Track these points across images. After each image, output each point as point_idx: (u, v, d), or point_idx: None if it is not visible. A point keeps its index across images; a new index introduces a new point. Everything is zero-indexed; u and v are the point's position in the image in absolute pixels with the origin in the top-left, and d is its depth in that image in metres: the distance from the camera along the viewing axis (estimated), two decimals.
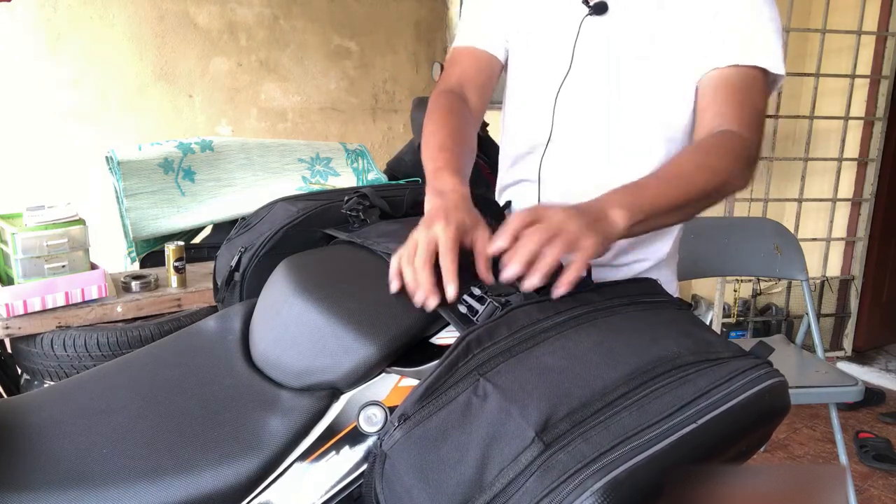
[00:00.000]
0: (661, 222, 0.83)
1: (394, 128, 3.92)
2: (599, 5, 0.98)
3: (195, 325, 0.86)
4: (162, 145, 2.29)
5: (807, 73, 3.09)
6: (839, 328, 3.33)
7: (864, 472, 2.38)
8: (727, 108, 0.92)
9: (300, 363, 0.72)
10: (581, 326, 0.66)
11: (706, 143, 0.90)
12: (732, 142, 0.89)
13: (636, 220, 0.76)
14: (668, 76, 0.98)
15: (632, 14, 0.98)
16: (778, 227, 2.31)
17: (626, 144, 1.01)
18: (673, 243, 1.07)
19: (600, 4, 0.98)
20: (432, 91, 1.09)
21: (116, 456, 0.66)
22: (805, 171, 3.13)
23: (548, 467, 0.52)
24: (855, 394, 1.94)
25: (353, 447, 0.68)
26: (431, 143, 0.93)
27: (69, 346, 1.67)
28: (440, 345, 0.73)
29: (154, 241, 2.25)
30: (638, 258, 1.04)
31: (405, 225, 0.89)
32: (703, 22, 0.95)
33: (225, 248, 1.02)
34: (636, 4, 0.98)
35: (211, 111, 3.35)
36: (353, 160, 2.51)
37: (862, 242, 3.22)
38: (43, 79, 2.95)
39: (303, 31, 3.56)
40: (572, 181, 1.03)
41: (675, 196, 0.81)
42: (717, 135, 0.91)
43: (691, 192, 0.83)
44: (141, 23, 3.12)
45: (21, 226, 1.70)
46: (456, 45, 1.12)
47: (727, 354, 0.66)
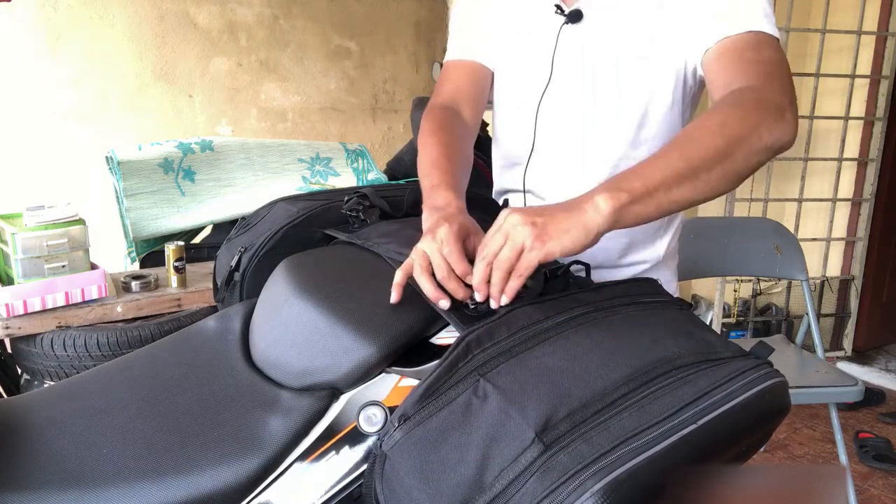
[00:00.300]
0: (667, 199, 0.73)
1: (394, 128, 3.92)
2: (574, 13, 0.98)
3: (195, 325, 0.86)
4: (162, 145, 2.29)
5: (807, 73, 3.09)
6: (839, 328, 3.33)
7: (864, 472, 2.38)
8: (734, 70, 0.86)
9: (300, 363, 0.72)
10: (581, 327, 0.66)
11: (715, 105, 0.83)
12: (745, 93, 0.81)
13: (623, 201, 0.70)
14: (640, 81, 0.97)
15: (605, 21, 0.98)
16: (778, 227, 2.31)
17: (600, 152, 1.00)
18: (670, 243, 1.07)
19: (575, 12, 0.98)
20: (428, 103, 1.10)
21: (116, 456, 0.66)
22: (805, 171, 3.13)
23: (548, 468, 0.52)
24: (855, 394, 1.94)
25: (353, 447, 0.68)
26: (426, 161, 0.95)
27: (69, 346, 1.67)
28: (440, 345, 0.73)
29: (154, 241, 2.25)
30: (635, 260, 1.05)
31: (405, 225, 0.89)
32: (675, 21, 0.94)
33: (225, 248, 1.02)
34: (608, 11, 0.97)
35: (211, 111, 3.35)
36: (353, 160, 2.51)
37: (862, 242, 3.22)
38: (43, 79, 2.95)
39: (303, 31, 3.56)
40: (554, 192, 1.03)
41: (677, 164, 0.74)
42: (727, 95, 0.84)
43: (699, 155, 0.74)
44: (141, 23, 3.12)
45: (21, 226, 1.70)
46: (447, 60, 1.13)
47: (727, 355, 0.66)
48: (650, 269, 1.06)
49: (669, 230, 1.07)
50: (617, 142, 1.00)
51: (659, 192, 0.73)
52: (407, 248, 0.79)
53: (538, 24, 1.03)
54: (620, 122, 0.99)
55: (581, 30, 0.99)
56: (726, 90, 0.84)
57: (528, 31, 1.04)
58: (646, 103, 0.98)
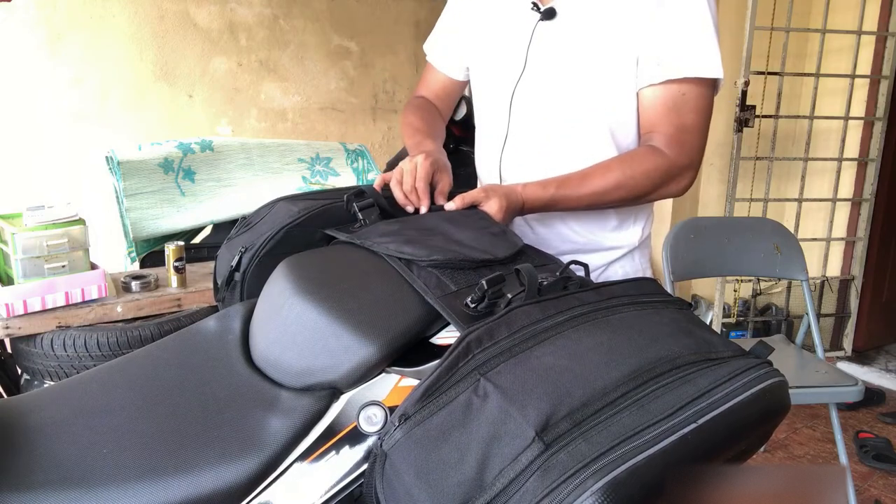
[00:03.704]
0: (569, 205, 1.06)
1: (394, 128, 3.92)
2: (549, 11, 1.09)
3: (195, 325, 0.86)
4: (162, 145, 2.29)
5: (807, 73, 3.09)
6: (839, 328, 3.33)
7: (864, 472, 2.38)
8: (661, 114, 1.06)
9: (300, 363, 0.72)
10: (581, 326, 0.66)
11: (630, 154, 1.07)
12: (652, 157, 1.05)
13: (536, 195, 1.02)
14: (609, 75, 1.06)
15: (577, 18, 1.08)
16: (778, 227, 2.31)
17: (570, 143, 1.11)
18: (643, 233, 1.20)
19: (549, 10, 1.09)
20: None
21: (116, 456, 0.65)
22: (805, 171, 3.13)
23: (548, 467, 0.52)
24: (855, 394, 1.94)
25: (353, 447, 0.68)
26: (409, 129, 1.23)
27: (69, 346, 1.67)
28: (440, 345, 0.73)
29: (154, 241, 2.25)
30: (613, 245, 1.18)
31: (405, 225, 0.90)
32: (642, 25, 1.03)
33: (225, 247, 1.02)
34: (581, 9, 1.06)
35: (211, 111, 3.35)
36: (353, 160, 2.51)
37: (862, 242, 3.22)
38: (43, 79, 2.94)
39: (303, 31, 3.56)
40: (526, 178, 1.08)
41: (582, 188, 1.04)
42: (642, 149, 1.07)
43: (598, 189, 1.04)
44: (141, 23, 3.12)
45: (21, 226, 1.70)
46: (428, 59, 1.33)
47: (727, 354, 0.66)
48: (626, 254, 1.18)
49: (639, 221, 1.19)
50: (585, 131, 1.10)
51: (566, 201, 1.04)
52: (407, 247, 0.80)
53: (515, 21, 1.13)
54: (589, 111, 1.09)
55: (555, 26, 1.09)
56: (649, 130, 1.08)
57: (506, 27, 1.15)
58: (613, 96, 1.07)
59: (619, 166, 1.05)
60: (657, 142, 1.06)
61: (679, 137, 1.05)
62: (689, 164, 1.07)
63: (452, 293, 0.73)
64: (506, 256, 0.82)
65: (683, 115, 1.05)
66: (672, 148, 1.05)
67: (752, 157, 3.09)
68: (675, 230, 2.14)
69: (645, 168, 1.04)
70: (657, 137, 1.06)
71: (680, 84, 1.04)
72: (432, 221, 0.91)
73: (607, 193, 1.05)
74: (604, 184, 1.04)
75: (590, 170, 1.06)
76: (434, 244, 0.81)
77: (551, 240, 1.16)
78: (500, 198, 0.99)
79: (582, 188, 1.04)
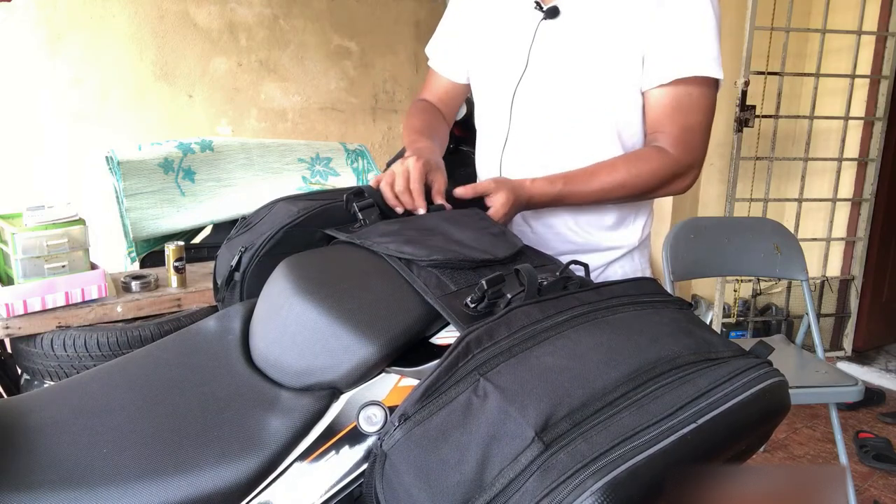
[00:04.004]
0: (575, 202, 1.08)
1: (394, 128, 3.92)
2: (552, 10, 1.09)
3: (195, 325, 0.86)
4: (162, 145, 2.29)
5: (807, 73, 3.09)
6: (839, 328, 3.33)
7: (864, 472, 2.38)
8: (667, 113, 1.07)
9: (300, 363, 0.72)
10: (581, 326, 0.66)
11: (636, 153, 1.09)
12: (658, 157, 1.07)
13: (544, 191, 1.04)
14: (611, 74, 1.07)
15: (580, 17, 1.07)
16: (778, 227, 2.31)
17: (572, 142, 1.11)
18: (642, 233, 1.21)
19: (552, 9, 1.09)
20: None
21: (116, 456, 0.65)
22: (805, 171, 3.13)
23: (548, 467, 0.52)
24: (855, 394, 1.94)
25: (352, 447, 0.68)
26: (409, 130, 1.21)
27: (69, 346, 1.67)
28: (440, 345, 0.73)
29: (154, 241, 2.25)
30: (613, 245, 1.19)
31: (405, 225, 0.90)
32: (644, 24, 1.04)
33: (225, 247, 1.02)
34: (584, 8, 1.07)
35: (211, 111, 3.35)
36: (353, 160, 2.51)
37: (862, 242, 3.22)
38: (43, 79, 2.94)
39: (303, 31, 3.56)
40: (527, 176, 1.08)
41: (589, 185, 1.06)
42: (648, 149, 1.09)
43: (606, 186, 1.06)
44: (141, 23, 3.12)
45: (21, 226, 1.70)
46: (430, 63, 1.33)
47: (727, 354, 0.66)
48: (625, 254, 1.19)
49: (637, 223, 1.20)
50: (587, 129, 1.10)
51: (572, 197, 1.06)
52: (407, 247, 0.80)
53: (517, 20, 1.13)
54: (592, 110, 1.09)
55: (558, 25, 1.10)
56: (654, 130, 1.09)
57: (507, 27, 1.15)
58: (616, 95, 1.08)
59: (625, 165, 1.07)
60: (662, 142, 1.08)
61: (684, 137, 1.07)
62: (693, 163, 1.09)
63: (452, 293, 0.73)
64: (506, 256, 0.82)
65: (689, 115, 1.07)
66: (677, 147, 1.07)
67: (753, 157, 3.10)
68: (675, 230, 2.14)
69: (651, 167, 1.07)
70: (662, 138, 1.08)
71: (686, 84, 1.05)
72: (432, 221, 0.91)
73: (614, 191, 1.07)
74: (611, 181, 1.06)
75: (596, 167, 1.07)
76: (434, 244, 0.81)
77: (550, 240, 1.16)
78: (508, 192, 1.00)
79: (589, 185, 1.06)
